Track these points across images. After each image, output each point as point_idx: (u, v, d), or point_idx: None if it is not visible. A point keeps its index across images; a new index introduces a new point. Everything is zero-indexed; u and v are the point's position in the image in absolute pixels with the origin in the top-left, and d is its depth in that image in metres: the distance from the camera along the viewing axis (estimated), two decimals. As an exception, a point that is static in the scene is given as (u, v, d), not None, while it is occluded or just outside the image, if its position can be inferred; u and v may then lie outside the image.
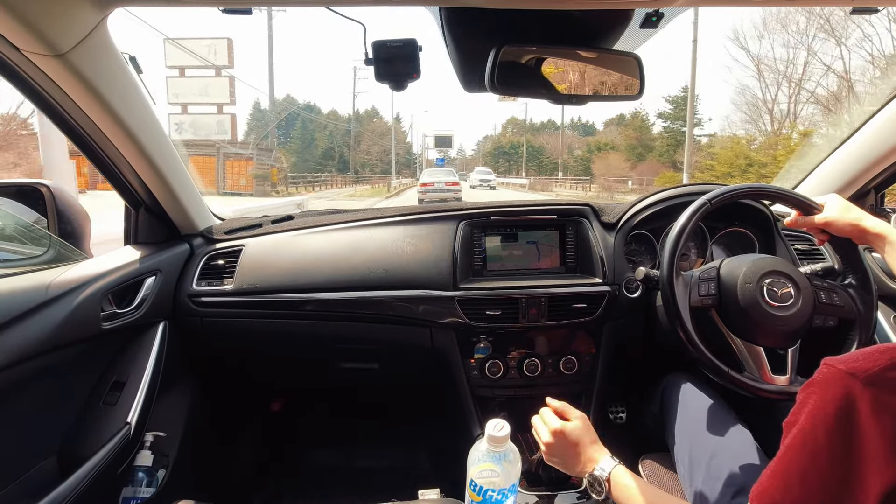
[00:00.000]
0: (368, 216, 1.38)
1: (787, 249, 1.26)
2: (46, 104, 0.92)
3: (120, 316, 1.07)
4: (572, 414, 0.88)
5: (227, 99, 17.46)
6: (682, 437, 0.99)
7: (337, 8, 0.85)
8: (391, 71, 0.87)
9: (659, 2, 0.76)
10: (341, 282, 1.26)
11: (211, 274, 1.30)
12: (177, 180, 1.21)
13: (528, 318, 1.22)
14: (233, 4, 0.79)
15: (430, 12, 0.86)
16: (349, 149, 50.22)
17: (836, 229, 0.93)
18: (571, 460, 0.84)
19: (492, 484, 0.74)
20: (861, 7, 0.82)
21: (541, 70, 0.93)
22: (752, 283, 0.98)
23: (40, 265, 0.99)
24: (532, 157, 65.09)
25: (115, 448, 0.97)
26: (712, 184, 1.30)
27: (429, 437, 1.74)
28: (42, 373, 0.89)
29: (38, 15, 0.73)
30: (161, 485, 1.17)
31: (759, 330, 0.97)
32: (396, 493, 0.95)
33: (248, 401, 1.70)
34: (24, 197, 1.09)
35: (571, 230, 1.32)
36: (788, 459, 0.50)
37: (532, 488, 1.07)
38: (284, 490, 1.62)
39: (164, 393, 1.16)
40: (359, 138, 53.95)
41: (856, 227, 0.90)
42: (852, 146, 1.34)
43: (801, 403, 0.51)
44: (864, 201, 1.39)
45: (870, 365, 0.47)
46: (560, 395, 0.98)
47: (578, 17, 0.85)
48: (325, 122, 54.41)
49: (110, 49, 0.91)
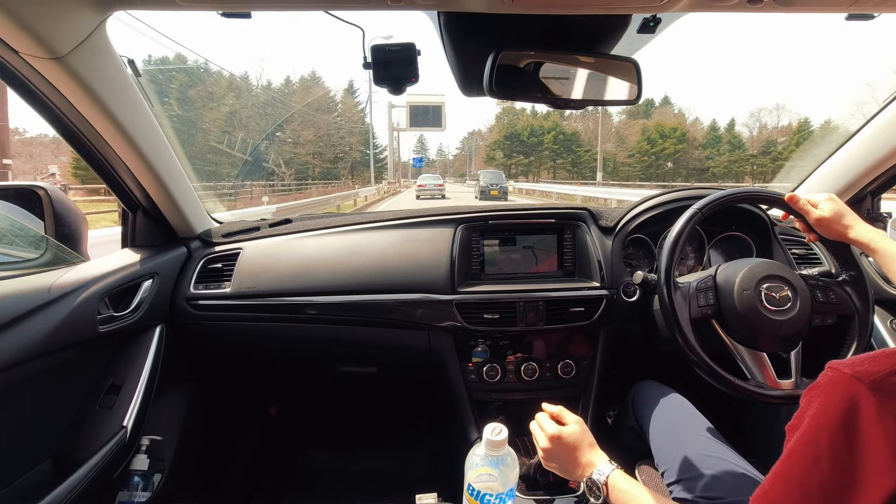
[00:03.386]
0: (366, 220, 1.38)
1: (783, 253, 1.26)
2: (44, 107, 0.92)
3: (117, 319, 1.07)
4: (569, 418, 0.88)
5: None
6: (658, 449, 0.99)
7: (336, 12, 0.86)
8: (390, 75, 0.87)
9: (656, 7, 0.76)
10: (339, 285, 1.26)
11: (208, 277, 1.30)
12: (174, 183, 1.21)
13: (526, 321, 1.22)
14: (231, 8, 0.79)
15: (429, 17, 0.86)
16: (269, 140, 32.78)
17: (825, 232, 0.95)
18: (569, 465, 0.84)
19: (489, 488, 0.74)
20: (857, 13, 0.82)
21: (539, 74, 0.93)
22: (749, 289, 0.98)
23: (37, 268, 0.98)
24: (564, 148, 43.71)
25: (111, 452, 0.96)
26: (710, 187, 1.30)
27: (426, 440, 1.73)
28: (38, 376, 0.89)
29: (36, 18, 0.73)
30: (157, 489, 1.16)
31: (760, 335, 0.97)
32: (394, 497, 0.95)
33: (245, 404, 1.69)
34: (21, 199, 1.09)
35: (569, 234, 1.32)
36: (790, 463, 0.50)
37: (530, 492, 1.07)
38: (282, 493, 1.62)
39: (160, 396, 1.15)
40: (286, 120, 36.11)
41: (843, 235, 0.92)
42: (849, 151, 1.34)
43: (804, 407, 0.50)
44: (860, 206, 1.39)
45: (875, 369, 0.46)
46: (558, 399, 0.98)
47: (577, 22, 0.85)
48: (222, 90, 33.05)
49: (108, 52, 0.91)
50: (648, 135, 41.93)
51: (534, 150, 45.83)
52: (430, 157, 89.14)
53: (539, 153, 45.61)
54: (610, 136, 42.61)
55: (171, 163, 1.18)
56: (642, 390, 1.13)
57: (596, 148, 36.64)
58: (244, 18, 0.82)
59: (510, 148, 47.86)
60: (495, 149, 49.95)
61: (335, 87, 43.75)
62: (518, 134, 47.16)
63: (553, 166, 44.54)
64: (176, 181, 1.21)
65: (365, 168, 41.22)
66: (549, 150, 44.55)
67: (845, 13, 0.82)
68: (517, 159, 47.66)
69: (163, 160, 1.14)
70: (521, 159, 47.38)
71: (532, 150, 45.99)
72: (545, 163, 46.06)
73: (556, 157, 43.67)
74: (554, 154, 44.00)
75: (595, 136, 39.77)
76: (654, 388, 1.12)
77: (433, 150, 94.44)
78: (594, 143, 40.26)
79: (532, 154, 46.12)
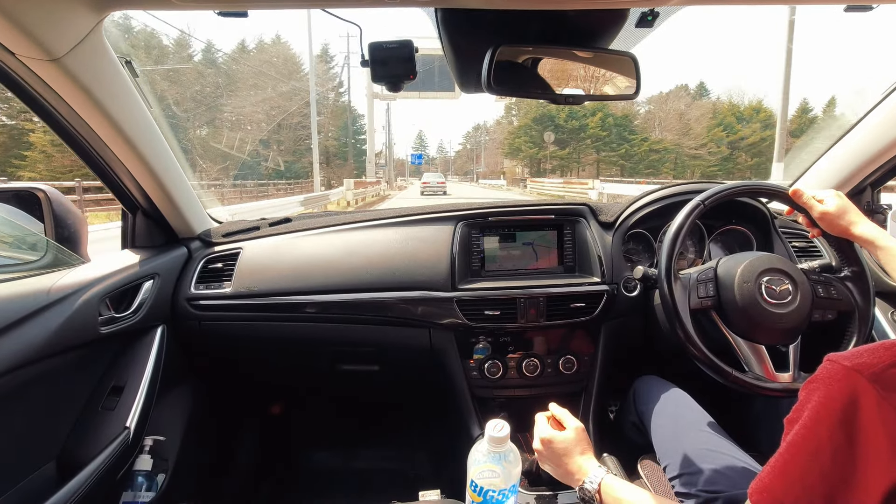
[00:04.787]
0: (366, 217, 1.38)
1: (784, 246, 1.26)
2: (42, 109, 0.92)
3: (118, 320, 1.07)
4: (568, 423, 0.87)
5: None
6: (660, 444, 0.99)
7: (333, 10, 0.85)
8: (387, 72, 0.87)
9: (654, 1, 0.76)
10: (340, 284, 1.26)
11: (209, 277, 1.30)
12: (174, 184, 1.21)
13: (527, 318, 1.22)
14: (228, 7, 0.79)
15: (426, 13, 0.86)
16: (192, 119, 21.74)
17: (829, 228, 0.95)
18: (560, 470, 0.84)
19: (492, 484, 0.74)
20: (855, 5, 0.82)
21: (537, 70, 0.93)
22: (750, 281, 0.98)
23: (38, 270, 0.98)
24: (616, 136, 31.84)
25: (114, 453, 0.97)
26: (709, 181, 1.30)
27: (429, 438, 1.74)
28: (40, 378, 0.89)
29: (33, 19, 0.73)
30: (161, 489, 1.16)
31: (760, 328, 0.97)
32: (397, 495, 0.95)
33: (248, 403, 1.70)
34: (21, 201, 1.09)
35: (569, 230, 1.32)
36: (790, 456, 0.49)
37: (532, 488, 1.07)
38: (285, 492, 1.62)
39: (162, 397, 1.16)
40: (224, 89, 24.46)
41: (846, 231, 0.93)
42: (849, 143, 1.34)
43: (803, 400, 0.50)
44: (860, 198, 1.39)
45: (874, 361, 0.46)
46: (559, 395, 0.98)
47: (574, 17, 0.85)
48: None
49: (106, 53, 0.90)
50: (722, 118, 32.71)
51: (573, 138, 33.25)
52: (430, 154, 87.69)
53: (581, 142, 32.91)
54: (670, 120, 32.80)
55: (170, 163, 1.18)
56: (644, 385, 1.14)
57: (654, 135, 27.48)
58: (241, 17, 0.81)
59: (540, 135, 34.88)
60: (521, 135, 37.65)
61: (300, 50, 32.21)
62: (552, 116, 34.57)
63: (597, 160, 33.10)
64: (175, 182, 1.21)
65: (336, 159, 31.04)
66: (594, 138, 32.39)
67: (844, 4, 0.82)
68: (551, 150, 34.61)
69: (161, 161, 1.14)
70: (556, 150, 34.31)
71: (570, 138, 33.29)
72: (586, 154, 33.98)
73: (602, 148, 32.05)
74: (600, 143, 32.25)
75: (655, 120, 29.26)
76: (656, 382, 1.12)
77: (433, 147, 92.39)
78: (652, 129, 29.99)
79: (570, 143, 33.44)
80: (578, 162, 34.91)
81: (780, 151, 12.39)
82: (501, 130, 50.04)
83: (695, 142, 32.65)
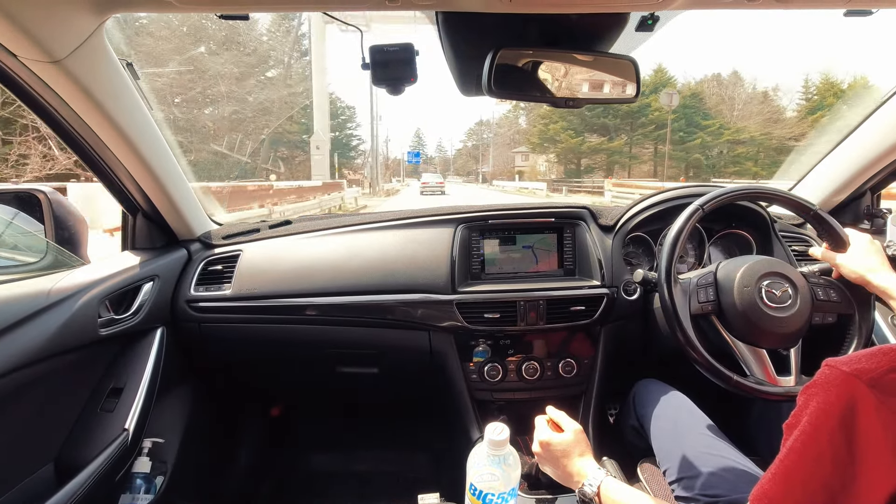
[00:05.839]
0: (367, 220, 1.38)
1: (783, 250, 1.26)
2: (43, 110, 0.92)
3: (118, 322, 1.07)
4: (566, 426, 0.87)
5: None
6: (660, 448, 0.99)
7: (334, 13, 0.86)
8: (388, 75, 0.87)
9: (654, 5, 0.76)
10: (340, 286, 1.26)
11: (209, 279, 1.30)
12: (174, 186, 1.21)
13: (527, 321, 1.22)
14: (229, 10, 0.79)
15: (427, 16, 0.86)
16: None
17: (845, 273, 0.97)
18: (559, 472, 0.84)
19: (492, 488, 0.74)
20: (855, 10, 0.82)
21: (537, 73, 0.93)
22: (749, 285, 0.98)
23: (38, 271, 0.98)
24: (687, 123, 21.74)
25: (112, 455, 0.96)
26: (709, 185, 1.30)
27: (428, 440, 1.73)
28: (40, 379, 0.89)
29: (34, 21, 0.73)
30: (159, 491, 1.16)
31: (760, 332, 0.97)
32: (396, 497, 0.95)
33: (247, 406, 1.69)
34: (21, 203, 1.09)
35: (569, 233, 1.32)
36: (790, 462, 0.49)
37: (532, 492, 1.07)
38: (284, 495, 1.62)
39: (162, 399, 1.15)
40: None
41: (861, 277, 0.93)
42: (849, 147, 1.34)
43: (802, 406, 0.50)
44: (860, 202, 1.39)
45: (873, 366, 0.46)
46: (559, 398, 0.98)
47: (574, 21, 0.85)
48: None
49: (107, 55, 0.91)
50: (821, 100, 22.76)
51: (626, 125, 23.63)
52: (428, 153, 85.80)
53: (637, 129, 23.23)
54: (753, 104, 24.01)
55: (171, 165, 1.18)
56: (643, 389, 1.13)
57: (733, 123, 19.28)
58: (242, 20, 0.82)
59: (581, 122, 24.96)
60: (557, 120, 26.57)
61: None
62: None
63: (664, 152, 22.19)
64: (175, 184, 1.21)
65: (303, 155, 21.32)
66: (658, 125, 22.28)
67: (843, 9, 0.82)
68: (597, 142, 24.75)
69: (162, 163, 1.14)
70: (603, 142, 24.40)
71: (622, 126, 23.76)
72: (640, 145, 24.35)
73: (665, 138, 21.28)
74: (664, 132, 21.58)
75: (725, 99, 20.16)
76: (656, 386, 1.12)
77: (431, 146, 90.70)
78: (726, 112, 20.93)
79: (620, 132, 23.85)
80: (631, 157, 25.27)
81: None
82: (509, 125, 44.18)
83: (786, 131, 23.44)
